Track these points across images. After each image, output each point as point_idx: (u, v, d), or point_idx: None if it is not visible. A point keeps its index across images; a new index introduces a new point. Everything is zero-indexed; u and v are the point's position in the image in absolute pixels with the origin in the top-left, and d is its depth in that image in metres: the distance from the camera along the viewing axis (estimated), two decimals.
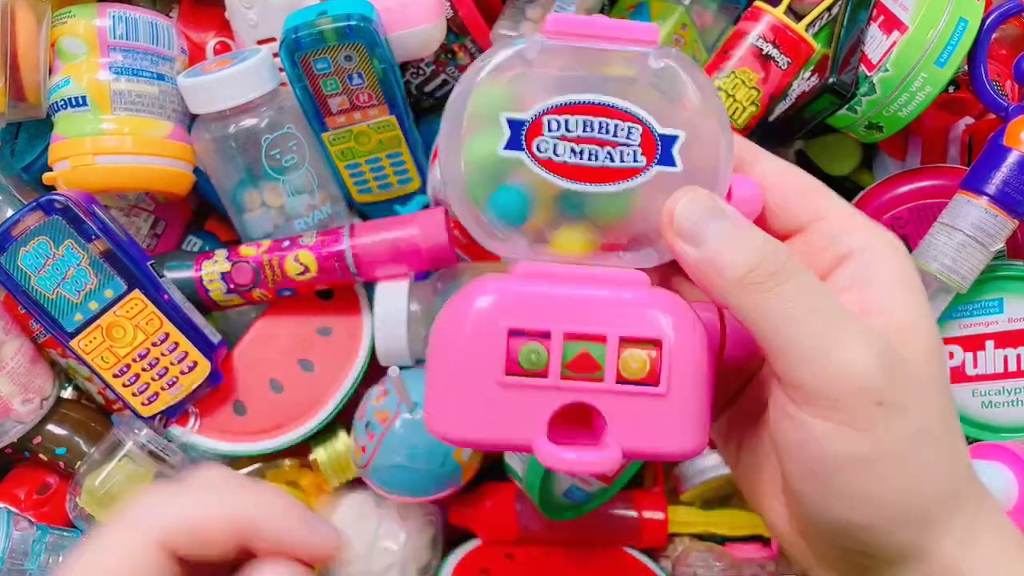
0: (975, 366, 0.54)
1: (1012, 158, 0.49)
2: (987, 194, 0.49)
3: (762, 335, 0.26)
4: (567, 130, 0.28)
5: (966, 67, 0.53)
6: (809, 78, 0.57)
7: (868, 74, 0.53)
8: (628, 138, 0.28)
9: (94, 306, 0.50)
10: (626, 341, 0.27)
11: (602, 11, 0.62)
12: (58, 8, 0.52)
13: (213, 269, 0.54)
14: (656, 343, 0.27)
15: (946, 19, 0.50)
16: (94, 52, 0.51)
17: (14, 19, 0.49)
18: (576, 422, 0.28)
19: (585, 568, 0.58)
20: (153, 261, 0.52)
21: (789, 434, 0.26)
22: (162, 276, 0.52)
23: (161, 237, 0.61)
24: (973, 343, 0.54)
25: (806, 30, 0.58)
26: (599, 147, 0.28)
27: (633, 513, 0.60)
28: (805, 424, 0.25)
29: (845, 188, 0.66)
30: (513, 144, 0.28)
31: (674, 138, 0.28)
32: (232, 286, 0.54)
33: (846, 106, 0.53)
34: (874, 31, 0.53)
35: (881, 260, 0.28)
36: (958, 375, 0.54)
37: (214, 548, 0.25)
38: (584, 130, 0.28)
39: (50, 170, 0.52)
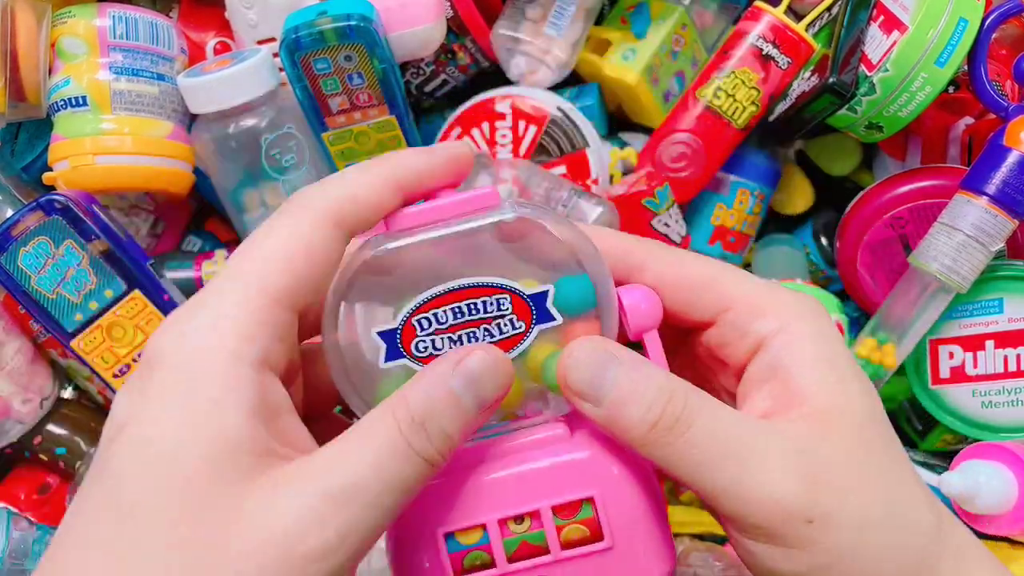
0: (975, 366, 0.54)
1: (1012, 158, 0.49)
2: (987, 194, 0.49)
3: (683, 480, 0.25)
4: (439, 323, 0.27)
5: (966, 67, 0.53)
6: (809, 78, 0.57)
7: (868, 74, 0.53)
8: (500, 310, 0.27)
9: (94, 306, 0.50)
10: (559, 509, 0.27)
11: (602, 12, 0.62)
12: (58, 8, 0.52)
13: (213, 269, 0.54)
14: (588, 500, 0.27)
15: (946, 19, 0.50)
16: (94, 52, 0.51)
17: (14, 19, 0.49)
18: None
19: None
20: (153, 261, 0.52)
21: (738, 551, 0.26)
22: (162, 276, 0.52)
23: (161, 237, 0.61)
24: (973, 343, 0.54)
25: (806, 30, 0.58)
26: (475, 328, 0.27)
27: None
28: (746, 545, 0.25)
29: (845, 188, 0.66)
30: (392, 355, 0.27)
31: (544, 294, 0.27)
32: None
33: (846, 106, 0.53)
34: (874, 31, 0.53)
35: (795, 343, 0.26)
36: (958, 375, 0.54)
37: (375, 213, 0.26)
38: (455, 317, 0.27)
39: (50, 170, 0.52)
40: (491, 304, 0.27)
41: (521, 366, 0.28)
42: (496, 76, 0.61)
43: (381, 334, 0.27)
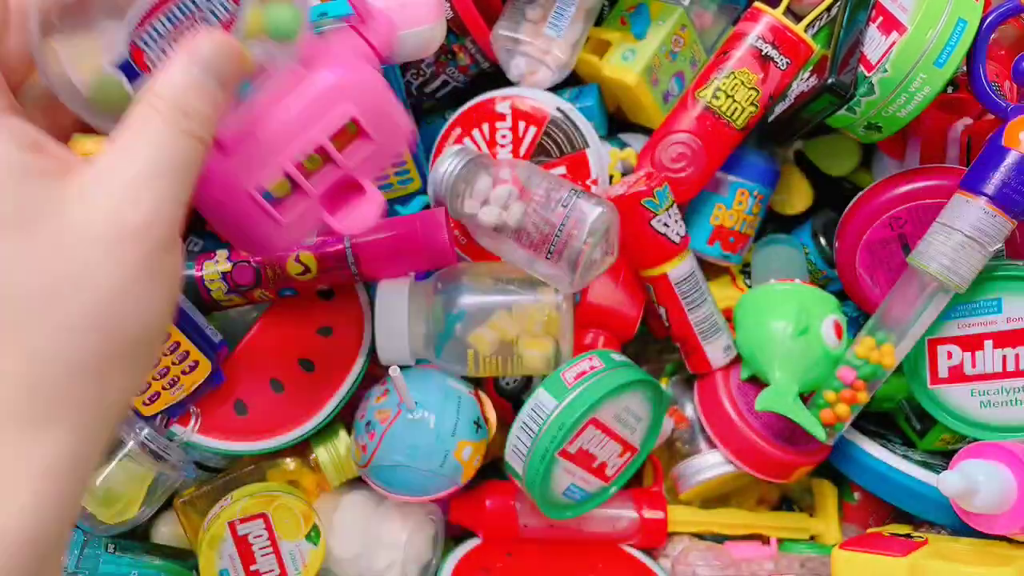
0: (974, 366, 0.54)
1: (1011, 158, 0.49)
2: (986, 194, 0.49)
3: None
4: (160, 35, 0.31)
5: (964, 67, 0.53)
6: (808, 78, 0.57)
7: (867, 75, 0.53)
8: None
9: None
10: (336, 136, 0.35)
11: (602, 12, 0.62)
12: None
13: (214, 269, 0.54)
14: (353, 121, 0.35)
15: (945, 20, 0.50)
16: None
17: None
18: (344, 194, 0.37)
19: (585, 567, 0.59)
20: None
21: None
22: None
23: None
24: (972, 343, 0.54)
25: (805, 31, 0.58)
26: (195, 24, 0.31)
27: (633, 512, 0.60)
28: None
29: (844, 188, 0.66)
30: (133, 77, 0.30)
31: None
32: (233, 286, 0.54)
33: (845, 107, 0.53)
34: (873, 32, 0.53)
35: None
36: (957, 375, 0.54)
37: None
38: (173, 23, 0.31)
39: None
40: None
41: (243, 32, 0.32)
42: (496, 77, 0.61)
43: (117, 67, 0.30)
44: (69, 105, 0.28)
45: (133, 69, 0.31)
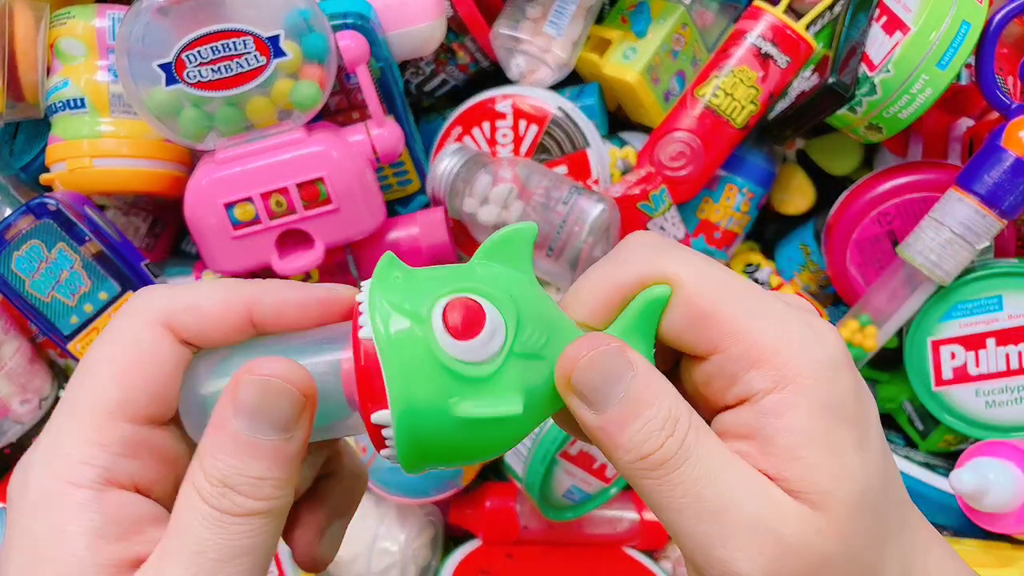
0: (977, 365, 0.54)
1: (1008, 161, 0.49)
2: (979, 194, 0.50)
3: (648, 506, 0.24)
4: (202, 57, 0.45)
5: (972, 61, 0.53)
6: (809, 77, 0.57)
7: (869, 75, 0.52)
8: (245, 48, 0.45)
9: (89, 308, 0.50)
10: (300, 186, 0.48)
11: (602, 11, 0.62)
12: (57, 8, 0.51)
13: (213, 277, 0.54)
14: (320, 179, 0.48)
15: (949, 21, 0.50)
16: (93, 54, 0.51)
17: (12, 18, 0.49)
18: (298, 245, 0.49)
19: (585, 569, 0.58)
20: (148, 262, 0.51)
21: None
22: (158, 277, 0.52)
23: (160, 237, 0.61)
24: (974, 342, 0.54)
25: (807, 29, 0.58)
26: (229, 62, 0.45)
27: (633, 514, 0.60)
28: None
29: (846, 188, 0.66)
30: (170, 81, 0.46)
31: (276, 36, 0.45)
32: None
33: (846, 106, 0.53)
34: (877, 31, 0.53)
35: (788, 412, 0.23)
36: (961, 375, 0.54)
37: (217, 328, 0.24)
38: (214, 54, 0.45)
39: (47, 171, 0.51)
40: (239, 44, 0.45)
41: (269, 90, 0.46)
42: (496, 75, 0.60)
43: (161, 66, 0.45)
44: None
45: (173, 75, 0.46)
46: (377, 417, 0.23)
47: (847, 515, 0.22)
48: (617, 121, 0.64)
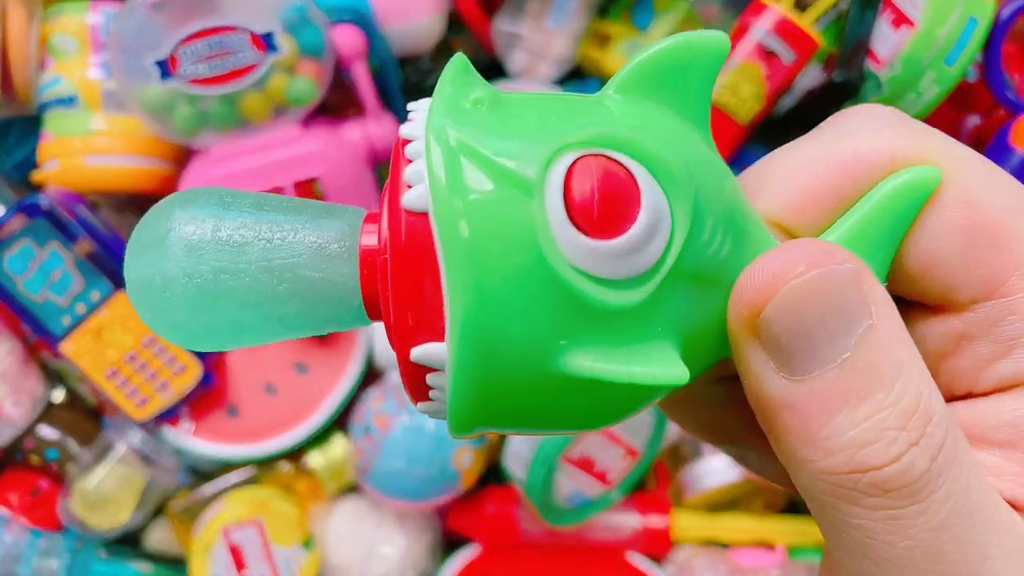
0: None
1: (1015, 160, 0.48)
2: None
3: (832, 550, 0.15)
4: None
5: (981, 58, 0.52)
6: (815, 74, 0.56)
7: (876, 71, 0.52)
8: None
9: (81, 309, 0.49)
10: (297, 185, 0.47)
11: (605, 7, 0.61)
12: (50, 3, 0.51)
13: None
14: (316, 179, 0.47)
15: (956, 17, 0.49)
16: (86, 50, 0.50)
17: (4, 12, 0.48)
18: None
19: (587, 575, 0.58)
20: None
21: None
22: None
23: None
24: None
25: (813, 25, 0.57)
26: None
27: (636, 519, 0.59)
28: None
29: None
30: (164, 77, 0.45)
31: (271, 31, 0.44)
32: None
33: (852, 104, 0.52)
34: (883, 27, 0.52)
35: None
36: None
37: None
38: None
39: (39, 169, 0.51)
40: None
41: (264, 86, 0.45)
42: (496, 71, 0.60)
43: (155, 63, 0.44)
44: None
45: (167, 72, 0.45)
46: (421, 354, 0.14)
47: None
48: None
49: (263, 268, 0.15)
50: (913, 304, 0.16)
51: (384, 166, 0.56)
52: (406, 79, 0.60)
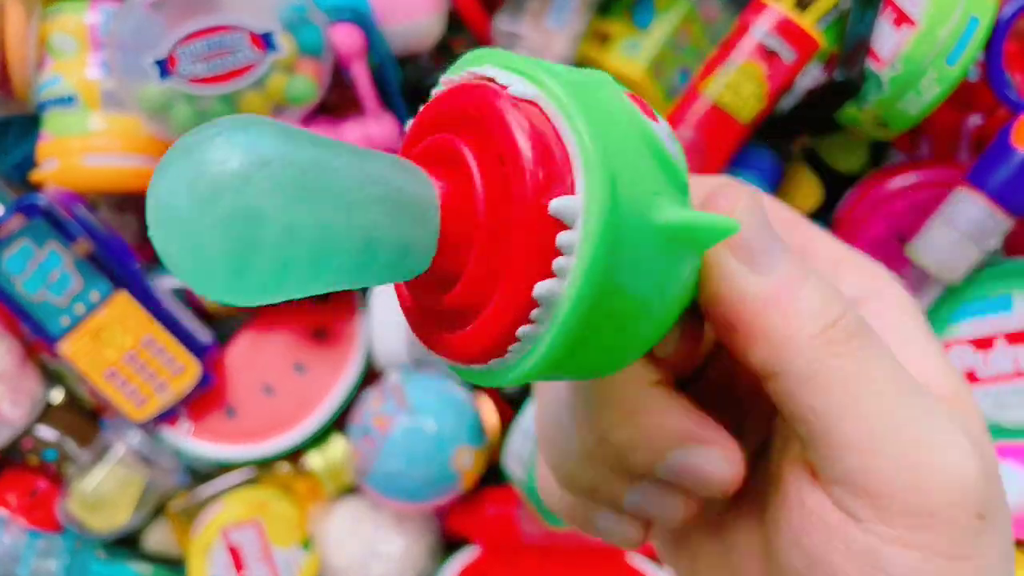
0: (987, 366, 0.53)
1: (1017, 159, 0.49)
2: (988, 192, 0.49)
3: (820, 418, 0.18)
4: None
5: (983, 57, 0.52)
6: (816, 73, 0.56)
7: (877, 71, 0.52)
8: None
9: (80, 309, 0.49)
10: None
11: (606, 5, 0.61)
12: (49, 3, 0.51)
13: None
14: None
15: (957, 16, 0.49)
16: (84, 49, 0.50)
17: (3, 11, 0.48)
18: None
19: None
20: (141, 263, 0.51)
21: (840, 564, 0.18)
22: (152, 278, 0.51)
23: None
24: (984, 343, 0.53)
25: (814, 24, 0.57)
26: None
27: None
28: (873, 555, 0.18)
29: (852, 185, 0.65)
30: (163, 76, 0.44)
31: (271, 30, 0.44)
32: None
33: (854, 103, 0.53)
34: (884, 26, 0.52)
35: (895, 312, 0.21)
36: (970, 378, 0.53)
37: None
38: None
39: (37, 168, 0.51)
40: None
41: (263, 85, 0.45)
42: None
43: (154, 63, 0.44)
44: None
45: (166, 71, 0.44)
46: (559, 205, 0.15)
47: (983, 426, 0.20)
48: None
49: (356, 165, 0.15)
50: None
51: None
52: (406, 78, 0.60)
